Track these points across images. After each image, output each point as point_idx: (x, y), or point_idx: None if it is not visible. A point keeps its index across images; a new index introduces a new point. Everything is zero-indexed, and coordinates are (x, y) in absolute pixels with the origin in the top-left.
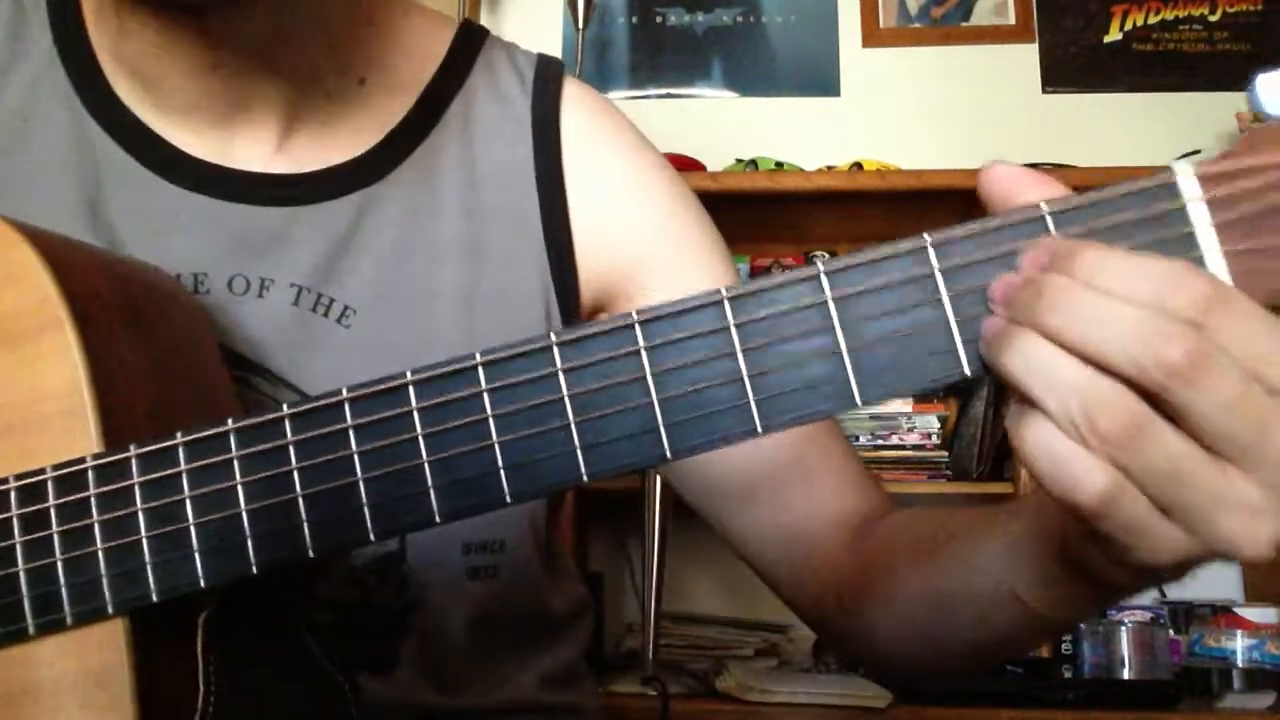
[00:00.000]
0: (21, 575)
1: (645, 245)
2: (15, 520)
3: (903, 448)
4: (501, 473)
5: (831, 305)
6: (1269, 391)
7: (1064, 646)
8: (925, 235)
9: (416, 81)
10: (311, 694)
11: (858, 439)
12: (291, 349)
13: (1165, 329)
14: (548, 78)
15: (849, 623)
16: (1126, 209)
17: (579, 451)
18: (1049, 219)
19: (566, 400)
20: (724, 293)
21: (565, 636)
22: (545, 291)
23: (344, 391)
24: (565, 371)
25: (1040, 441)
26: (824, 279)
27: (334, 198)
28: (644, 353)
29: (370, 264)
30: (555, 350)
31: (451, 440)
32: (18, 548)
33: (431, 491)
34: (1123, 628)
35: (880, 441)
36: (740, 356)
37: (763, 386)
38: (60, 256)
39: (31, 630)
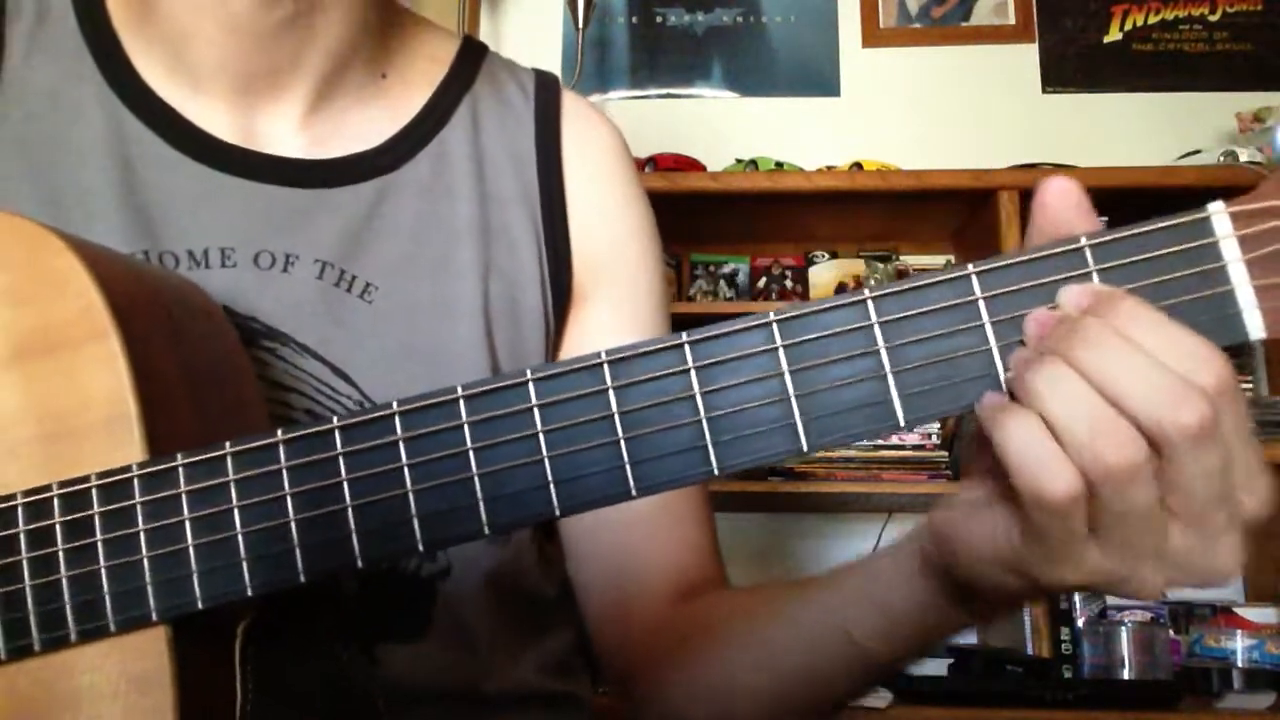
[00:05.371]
0: (64, 582)
1: (613, 249)
2: (59, 527)
3: (903, 448)
4: (551, 488)
5: (877, 329)
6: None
7: (1064, 646)
8: (969, 265)
9: (428, 82)
10: (342, 705)
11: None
12: (316, 321)
13: (1187, 394)
14: (547, 85)
15: (652, 674)
16: (1162, 243)
17: (628, 467)
18: (1088, 251)
19: (616, 417)
20: (772, 315)
21: (561, 619)
22: (541, 271)
23: (394, 405)
24: (615, 389)
25: (1025, 436)
26: (870, 304)
27: (355, 182)
28: (693, 372)
29: (390, 243)
30: (605, 368)
31: (501, 454)
32: (60, 555)
33: (481, 505)
34: (1123, 628)
35: (880, 441)
36: (787, 377)
37: (809, 407)
38: (101, 266)
39: (73, 637)
